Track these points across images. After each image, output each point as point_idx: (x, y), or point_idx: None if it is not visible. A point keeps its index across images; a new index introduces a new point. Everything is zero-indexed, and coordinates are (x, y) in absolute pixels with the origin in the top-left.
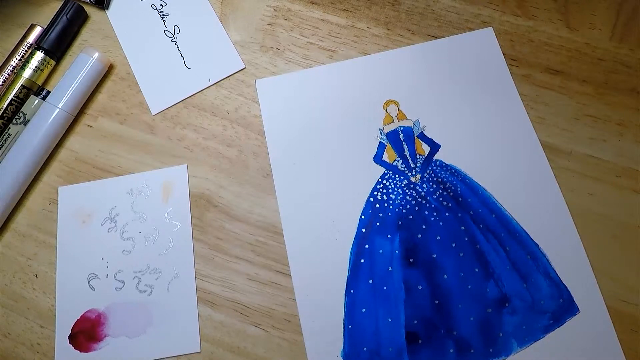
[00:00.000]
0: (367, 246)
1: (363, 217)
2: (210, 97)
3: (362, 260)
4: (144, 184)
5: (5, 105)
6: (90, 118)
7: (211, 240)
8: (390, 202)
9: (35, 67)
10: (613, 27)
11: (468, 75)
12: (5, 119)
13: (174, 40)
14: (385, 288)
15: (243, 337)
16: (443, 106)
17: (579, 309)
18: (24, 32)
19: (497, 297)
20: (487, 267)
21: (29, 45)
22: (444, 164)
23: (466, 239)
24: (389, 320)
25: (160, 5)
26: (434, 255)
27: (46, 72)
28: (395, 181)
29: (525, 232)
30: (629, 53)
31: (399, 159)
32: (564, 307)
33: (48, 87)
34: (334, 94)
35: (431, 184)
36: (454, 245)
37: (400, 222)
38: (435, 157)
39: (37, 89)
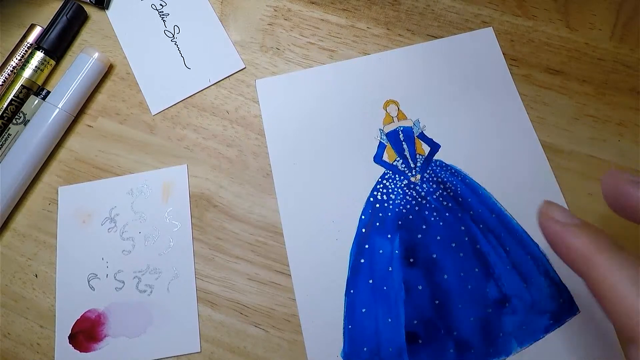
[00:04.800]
0: (367, 246)
1: (363, 217)
2: (210, 97)
3: (362, 260)
4: (144, 184)
5: (5, 105)
6: (90, 118)
7: (211, 240)
8: (390, 202)
9: (35, 67)
10: (613, 27)
11: (468, 75)
12: (5, 119)
13: (174, 40)
14: (385, 288)
15: (243, 337)
16: (443, 106)
17: (579, 309)
18: (24, 32)
19: (497, 297)
20: (487, 267)
21: (29, 45)
22: (444, 164)
23: (466, 239)
24: (389, 320)
25: (160, 5)
26: (434, 255)
27: (46, 72)
28: (395, 181)
29: (525, 232)
30: (629, 53)
31: (399, 159)
32: (564, 307)
33: (48, 87)
34: (334, 94)
35: (431, 184)
36: (454, 245)
37: (400, 222)
38: (435, 157)
39: (37, 89)
